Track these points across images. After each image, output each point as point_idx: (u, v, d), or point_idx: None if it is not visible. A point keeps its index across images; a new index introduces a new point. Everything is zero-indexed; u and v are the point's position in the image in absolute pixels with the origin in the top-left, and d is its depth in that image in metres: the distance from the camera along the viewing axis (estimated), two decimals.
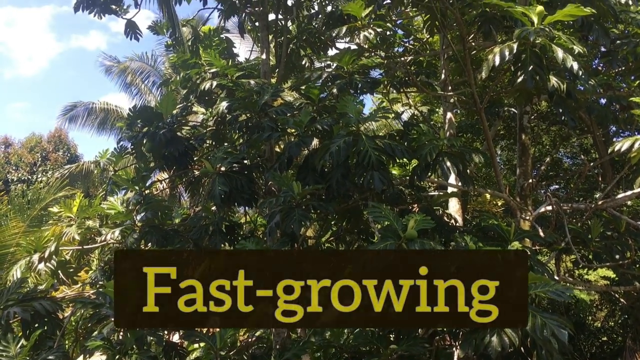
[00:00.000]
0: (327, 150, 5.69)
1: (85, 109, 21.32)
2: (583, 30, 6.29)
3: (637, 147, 5.20)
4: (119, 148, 7.75)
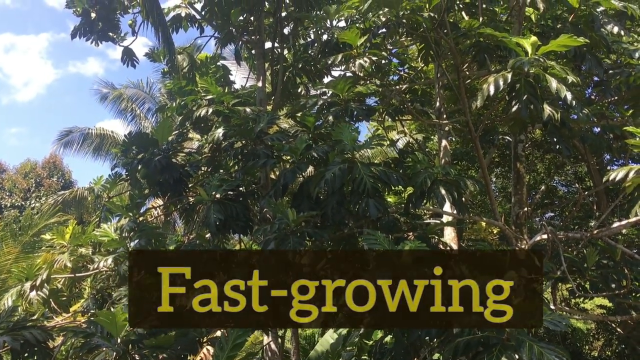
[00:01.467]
0: (322, 178, 5.68)
1: (81, 135, 21.32)
2: (576, 60, 6.37)
3: (632, 176, 5.21)
4: (114, 174, 7.73)
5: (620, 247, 6.75)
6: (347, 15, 7.63)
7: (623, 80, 6.31)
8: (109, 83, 21.77)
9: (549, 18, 6.91)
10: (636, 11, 6.26)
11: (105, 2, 8.11)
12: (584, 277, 6.88)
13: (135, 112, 21.44)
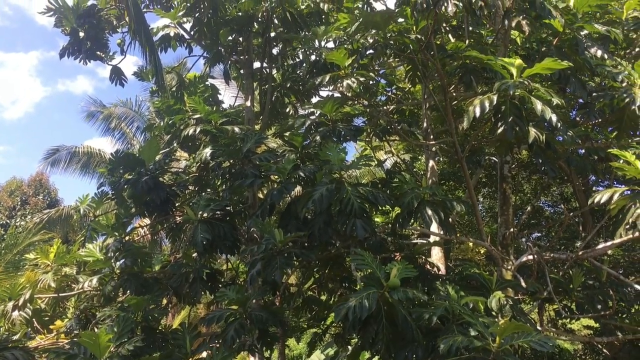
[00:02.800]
0: (309, 198, 5.68)
1: (68, 153, 21.18)
2: (561, 82, 6.44)
3: (616, 198, 5.26)
4: (100, 193, 7.68)
5: (605, 269, 6.79)
6: (335, 36, 7.69)
7: (607, 102, 6.38)
8: (98, 101, 21.71)
9: (534, 41, 7.00)
10: (619, 35, 6.37)
11: (93, 22, 8.12)
12: (570, 298, 6.90)
13: (123, 130, 21.36)
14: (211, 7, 7.87)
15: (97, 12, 8.24)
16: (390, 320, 4.79)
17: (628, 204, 5.20)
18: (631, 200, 5.20)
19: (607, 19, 7.45)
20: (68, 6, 8.12)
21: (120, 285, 6.98)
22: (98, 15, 8.23)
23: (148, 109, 20.68)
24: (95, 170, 20.74)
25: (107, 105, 21.51)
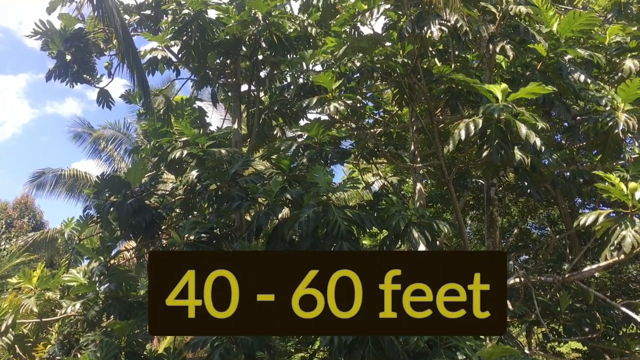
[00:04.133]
0: (296, 220, 5.66)
1: (54, 176, 21.04)
2: (545, 106, 6.52)
3: (601, 220, 5.29)
4: (85, 216, 7.61)
5: (592, 291, 6.80)
6: (322, 59, 7.75)
7: (591, 126, 6.46)
8: (85, 122, 21.64)
9: (518, 65, 7.09)
10: (602, 60, 6.47)
11: (80, 45, 8.13)
12: (557, 321, 6.89)
13: (111, 153, 21.28)
14: (199, 30, 7.90)
15: (85, 36, 8.26)
16: (376, 344, 4.75)
17: (613, 226, 5.24)
18: (616, 222, 5.23)
19: (590, 44, 7.57)
20: (55, 29, 8.13)
21: (104, 309, 6.88)
22: (85, 38, 8.25)
23: (136, 131, 20.65)
24: (81, 193, 20.60)
25: (95, 128, 21.46)
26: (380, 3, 6.85)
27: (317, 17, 8.42)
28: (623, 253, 5.21)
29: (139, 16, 8.81)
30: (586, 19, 6.20)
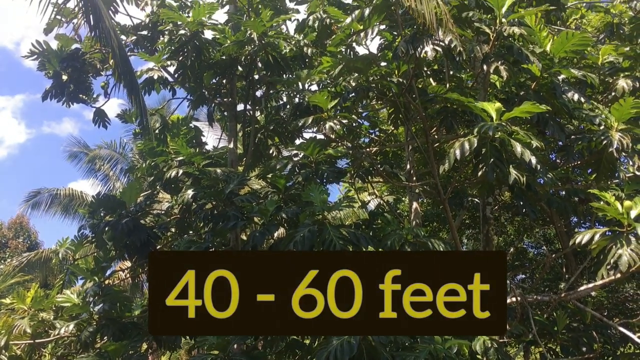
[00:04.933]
0: (292, 239, 5.65)
1: (49, 196, 20.99)
2: (539, 125, 6.55)
3: (597, 239, 5.29)
4: (80, 236, 7.58)
5: (589, 311, 6.77)
6: (318, 79, 7.79)
7: (585, 145, 6.48)
8: (82, 142, 21.64)
9: (513, 85, 7.14)
10: (595, 80, 6.52)
11: (77, 65, 8.16)
12: (555, 341, 6.85)
13: (107, 172, 21.26)
14: (195, 50, 7.95)
15: (81, 56, 8.29)
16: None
17: (609, 245, 5.24)
18: (612, 240, 5.23)
19: (583, 64, 7.64)
20: (52, 50, 8.17)
21: (98, 330, 6.82)
22: (82, 58, 8.28)
23: (132, 150, 20.64)
24: (76, 212, 20.53)
25: (91, 147, 21.45)
26: (375, 24, 6.90)
27: (312, 37, 8.48)
28: (619, 272, 5.21)
29: (135, 37, 8.87)
30: (579, 40, 6.26)
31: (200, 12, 7.82)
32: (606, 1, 9.54)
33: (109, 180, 21.21)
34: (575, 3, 9.55)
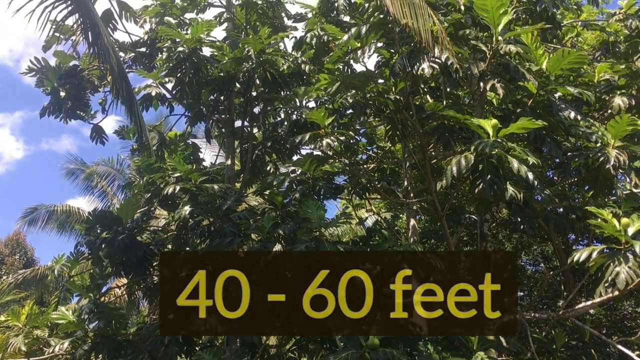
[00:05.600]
0: None
1: (46, 212, 20.92)
2: (536, 142, 6.56)
3: (595, 256, 5.28)
4: (76, 253, 7.54)
5: (588, 329, 6.73)
6: (315, 96, 7.82)
7: (582, 162, 6.49)
8: (79, 159, 21.63)
9: (509, 102, 7.16)
10: (591, 97, 6.55)
11: (75, 82, 8.18)
12: (553, 359, 6.80)
13: (104, 189, 21.22)
14: (193, 67, 7.98)
15: (79, 72, 8.32)
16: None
17: (607, 262, 5.22)
18: (609, 258, 5.22)
19: (580, 82, 7.67)
20: (50, 66, 8.19)
21: (92, 348, 6.77)
22: (80, 75, 8.30)
23: (129, 167, 20.64)
24: (73, 229, 20.44)
25: (88, 164, 21.43)
26: (372, 41, 6.94)
27: (310, 54, 8.53)
28: (617, 289, 5.19)
29: (134, 54, 8.92)
30: (575, 57, 6.30)
31: (199, 29, 7.86)
32: (602, 19, 9.64)
33: (106, 197, 21.17)
34: (571, 22, 9.64)
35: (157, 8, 8.85)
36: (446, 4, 7.00)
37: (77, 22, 6.16)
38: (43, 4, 5.75)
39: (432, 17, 5.65)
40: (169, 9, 8.89)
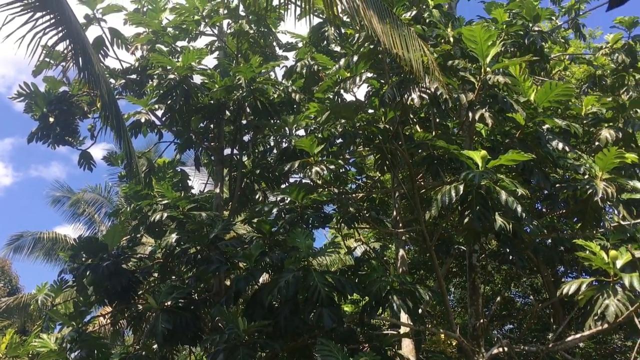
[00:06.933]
0: (276, 285, 5.56)
1: (33, 239, 20.62)
2: (525, 173, 6.58)
3: (584, 289, 5.25)
4: (59, 281, 7.41)
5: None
6: (305, 124, 7.83)
7: (570, 194, 6.49)
8: (65, 186, 21.42)
9: (498, 134, 7.20)
10: (579, 130, 6.59)
11: (64, 108, 8.15)
12: None
13: (92, 216, 21.01)
14: (183, 95, 7.98)
15: (69, 98, 8.30)
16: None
17: (596, 295, 5.19)
18: (598, 291, 5.20)
19: (568, 114, 7.74)
20: (39, 92, 8.17)
21: None
22: (69, 101, 8.28)
23: (117, 194, 20.49)
24: (58, 257, 20.16)
25: (75, 191, 21.23)
26: (362, 71, 6.99)
27: (300, 83, 8.57)
28: (607, 322, 5.14)
29: (124, 80, 8.91)
30: (562, 90, 6.35)
31: (190, 57, 7.89)
32: (589, 53, 9.79)
33: (93, 224, 20.94)
34: (558, 55, 9.78)
35: (149, 36, 8.88)
36: (435, 35, 7.08)
37: (68, 48, 6.15)
38: (34, 29, 5.74)
39: (422, 47, 5.70)
40: (160, 37, 8.92)
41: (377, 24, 5.05)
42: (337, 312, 5.61)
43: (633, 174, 6.87)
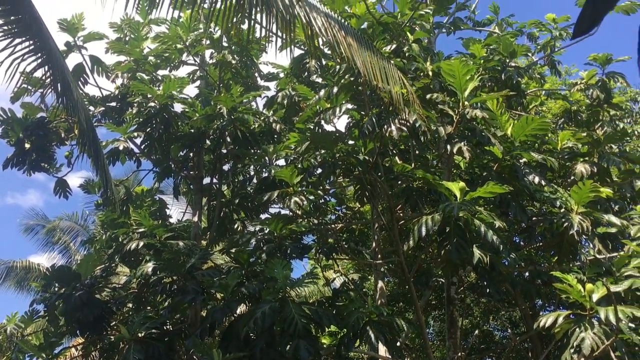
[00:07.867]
0: (252, 316, 5.48)
1: (5, 268, 20.14)
2: (502, 206, 6.63)
3: (560, 322, 5.24)
4: (30, 311, 7.23)
5: None
6: (285, 154, 7.83)
7: (547, 227, 6.55)
8: (40, 214, 21.09)
9: (476, 166, 7.28)
10: (555, 163, 6.69)
11: (41, 134, 8.06)
12: None
13: (67, 245, 20.64)
14: (163, 123, 7.95)
15: (46, 124, 8.21)
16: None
17: (572, 328, 5.19)
18: (575, 324, 5.20)
19: (544, 148, 7.86)
20: (16, 117, 8.08)
21: None
22: (46, 127, 8.20)
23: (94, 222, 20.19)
24: (31, 287, 19.71)
25: (50, 219, 20.89)
26: (343, 102, 7.04)
27: (281, 114, 8.60)
28: (583, 355, 5.13)
29: (103, 108, 8.85)
30: (539, 124, 6.46)
31: (171, 85, 7.89)
32: (564, 89, 9.99)
33: (68, 253, 20.56)
34: (535, 90, 9.97)
35: (130, 64, 8.86)
36: (415, 69, 7.19)
37: (47, 74, 6.11)
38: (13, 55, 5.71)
39: (402, 80, 5.77)
40: (142, 65, 8.91)
41: (357, 56, 5.11)
42: (314, 344, 5.53)
43: (608, 208, 6.98)
